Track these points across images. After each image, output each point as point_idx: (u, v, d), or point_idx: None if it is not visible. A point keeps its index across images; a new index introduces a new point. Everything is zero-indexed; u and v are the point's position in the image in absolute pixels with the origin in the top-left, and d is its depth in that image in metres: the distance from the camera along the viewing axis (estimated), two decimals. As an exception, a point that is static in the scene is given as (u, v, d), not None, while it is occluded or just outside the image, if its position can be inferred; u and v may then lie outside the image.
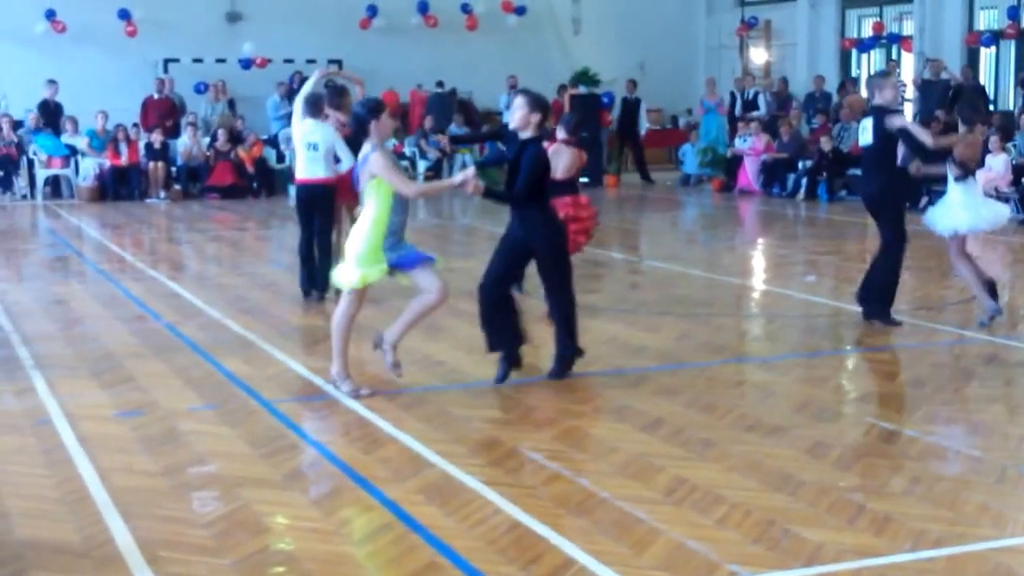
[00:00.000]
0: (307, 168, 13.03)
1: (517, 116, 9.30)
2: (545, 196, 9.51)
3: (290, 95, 27.54)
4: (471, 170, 9.11)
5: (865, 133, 11.78)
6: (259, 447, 7.93)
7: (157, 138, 25.50)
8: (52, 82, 26.13)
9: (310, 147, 12.93)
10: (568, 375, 9.66)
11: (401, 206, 8.94)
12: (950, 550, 6.10)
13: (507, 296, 9.67)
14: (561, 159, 11.78)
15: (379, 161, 8.73)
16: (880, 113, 11.46)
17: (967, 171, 11.53)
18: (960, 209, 11.50)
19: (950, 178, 11.60)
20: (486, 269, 9.66)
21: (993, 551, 6.10)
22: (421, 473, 7.38)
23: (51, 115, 26.17)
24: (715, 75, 30.42)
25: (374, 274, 8.90)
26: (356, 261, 8.91)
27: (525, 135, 9.34)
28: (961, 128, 11.80)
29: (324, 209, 13.14)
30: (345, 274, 9.05)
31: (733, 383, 9.83)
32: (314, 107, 12.98)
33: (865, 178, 12.15)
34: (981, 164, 11.92)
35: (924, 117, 24.33)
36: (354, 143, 12.39)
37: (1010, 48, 26.14)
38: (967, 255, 11.82)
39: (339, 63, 28.95)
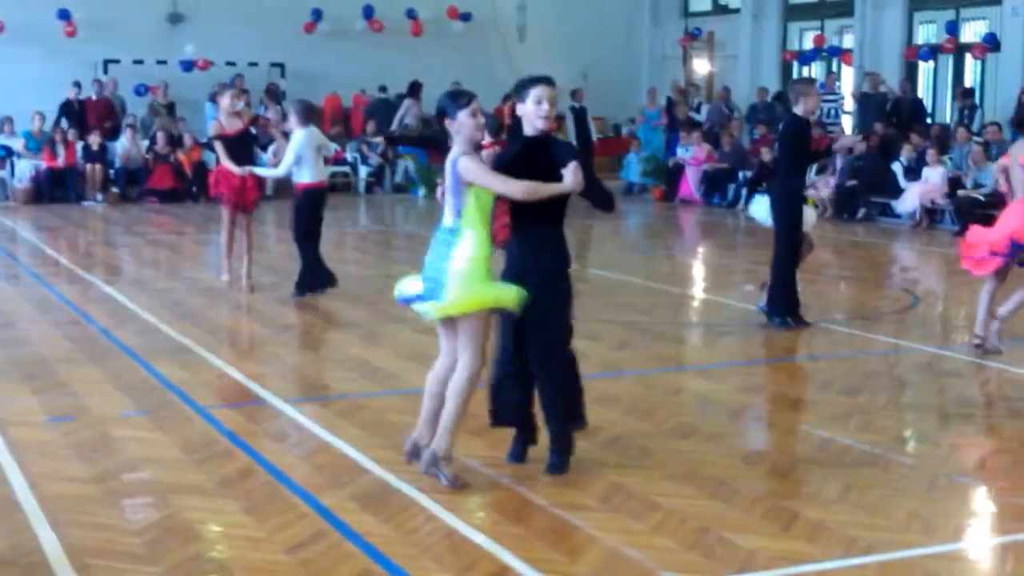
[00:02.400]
0: (320, 172, 13.67)
1: (553, 113, 7.26)
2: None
3: (232, 98, 27.44)
4: (572, 164, 7.08)
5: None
6: (192, 453, 7.87)
7: (95, 140, 25.29)
8: (-12, 82, 25.91)
9: (319, 151, 13.46)
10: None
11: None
12: (881, 557, 6.14)
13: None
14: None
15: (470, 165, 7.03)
16: (796, 123, 11.61)
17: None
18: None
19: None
20: (500, 339, 7.63)
21: (923, 558, 6.15)
22: (357, 480, 7.34)
23: (-14, 116, 25.91)
24: (657, 85, 30.55)
25: (504, 294, 7.14)
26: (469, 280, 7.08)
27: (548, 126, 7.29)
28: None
29: None
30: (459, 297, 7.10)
31: (672, 391, 9.86)
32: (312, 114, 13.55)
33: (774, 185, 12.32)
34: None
35: (863, 129, 24.56)
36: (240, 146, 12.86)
37: (948, 62, 26.40)
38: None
39: (281, 66, 28.94)
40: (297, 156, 13.20)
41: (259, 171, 13.90)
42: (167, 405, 9.09)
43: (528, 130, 7.29)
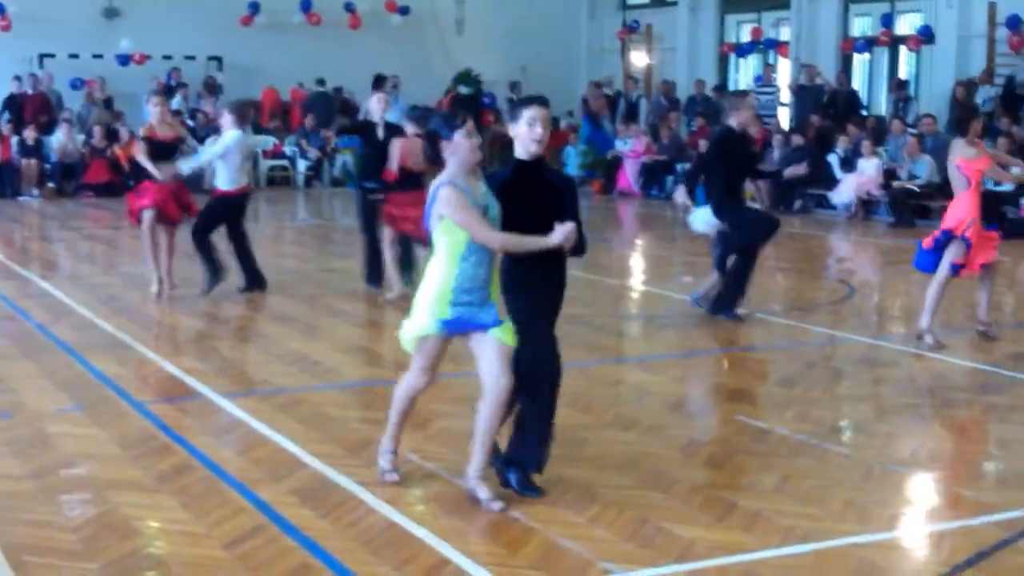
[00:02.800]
0: (242, 177, 13.54)
1: (546, 136, 6.92)
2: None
3: (167, 92, 27.24)
4: (570, 226, 6.64)
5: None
6: (129, 449, 7.82)
7: (31, 135, 25.05)
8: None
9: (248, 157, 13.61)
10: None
11: (479, 255, 6.70)
12: (817, 545, 6.21)
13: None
14: (419, 152, 12.06)
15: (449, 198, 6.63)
16: (726, 135, 11.71)
17: None
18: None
19: None
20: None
21: (858, 546, 6.21)
22: (295, 474, 7.32)
23: (-80, 111, 25.64)
24: (596, 78, 30.62)
25: (427, 326, 6.94)
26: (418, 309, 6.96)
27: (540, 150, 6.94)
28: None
29: None
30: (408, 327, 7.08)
31: (611, 382, 9.89)
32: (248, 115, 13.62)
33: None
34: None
35: (799, 122, 24.74)
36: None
37: (883, 54, 26.62)
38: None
39: (219, 60, 28.77)
40: (223, 154, 13.12)
41: (182, 163, 13.59)
42: (104, 400, 9.03)
43: (520, 153, 6.91)
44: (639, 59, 31.22)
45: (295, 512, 6.63)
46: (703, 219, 12.29)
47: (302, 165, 27.59)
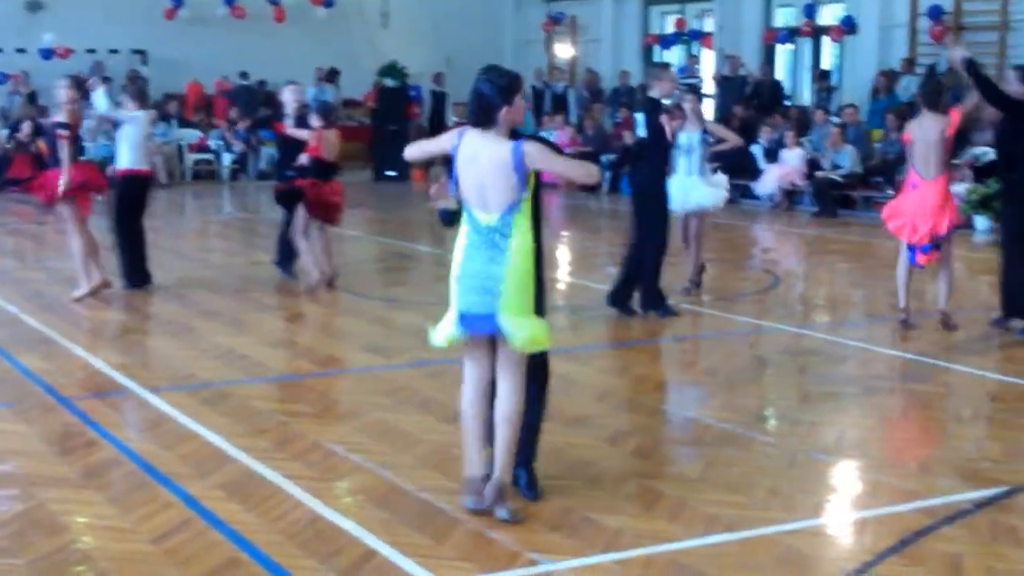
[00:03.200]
0: (144, 159, 13.51)
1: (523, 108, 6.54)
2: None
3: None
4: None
5: (640, 127, 11.97)
6: (56, 445, 7.77)
7: (-48, 129, 24.75)
8: None
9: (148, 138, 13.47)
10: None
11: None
12: (742, 534, 6.28)
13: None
14: (332, 142, 13.11)
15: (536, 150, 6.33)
16: (654, 107, 11.66)
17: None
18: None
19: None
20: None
21: (783, 534, 6.29)
22: (222, 468, 7.31)
23: None
24: (522, 69, 30.60)
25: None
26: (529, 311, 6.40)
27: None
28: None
29: None
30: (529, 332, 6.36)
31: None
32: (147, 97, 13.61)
33: (636, 172, 12.36)
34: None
35: (723, 112, 24.90)
36: None
37: (806, 45, 26.84)
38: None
39: (143, 53, 28.52)
40: (125, 133, 13.15)
41: (97, 100, 13.47)
42: (30, 396, 8.96)
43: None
44: (564, 51, 31.30)
45: (222, 506, 6.62)
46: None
47: (227, 159, 27.43)
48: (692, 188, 12.77)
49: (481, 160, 6.28)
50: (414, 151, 6.87)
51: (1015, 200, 11.19)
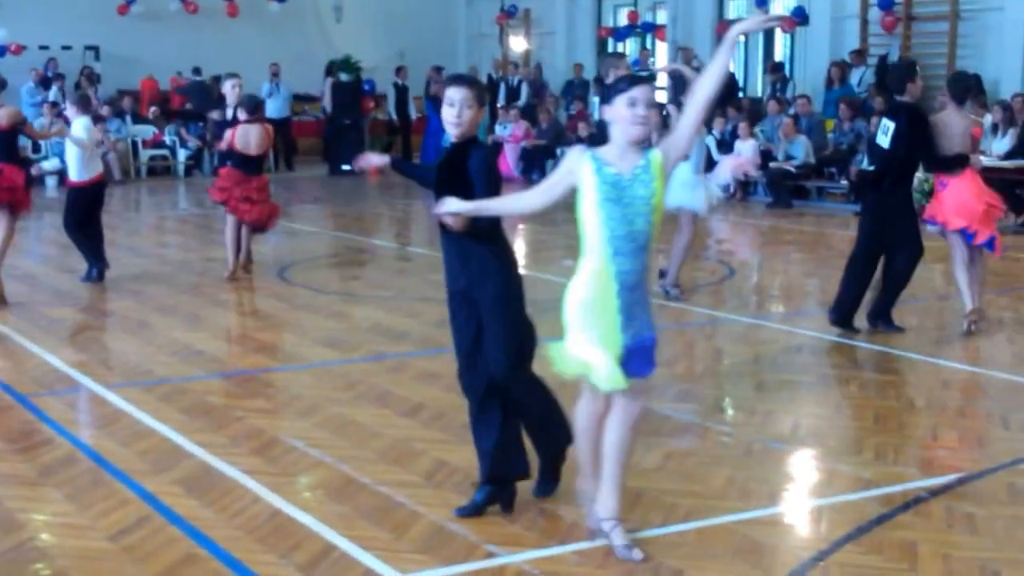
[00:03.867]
0: (95, 167, 13.48)
1: (466, 117, 6.27)
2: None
3: (44, 82, 26.82)
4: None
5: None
6: (12, 442, 7.74)
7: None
8: None
9: (96, 145, 13.47)
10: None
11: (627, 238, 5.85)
12: (699, 523, 6.31)
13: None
14: (252, 137, 13.18)
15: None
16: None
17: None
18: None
19: None
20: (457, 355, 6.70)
21: (740, 523, 6.33)
22: (180, 464, 7.29)
23: None
24: (476, 63, 30.68)
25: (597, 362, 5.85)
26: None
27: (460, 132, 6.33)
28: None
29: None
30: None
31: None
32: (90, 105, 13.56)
33: None
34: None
35: (676, 104, 24.93)
36: None
37: (758, 36, 26.93)
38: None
39: (96, 49, 28.34)
40: (78, 143, 13.13)
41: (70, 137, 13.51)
42: (-17, 395, 8.92)
43: (450, 133, 6.40)
44: (518, 44, 31.32)
45: (180, 502, 6.61)
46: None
47: (182, 154, 27.31)
48: (680, 187, 12.12)
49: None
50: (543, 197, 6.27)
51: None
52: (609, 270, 5.81)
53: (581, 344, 5.84)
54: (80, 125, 13.15)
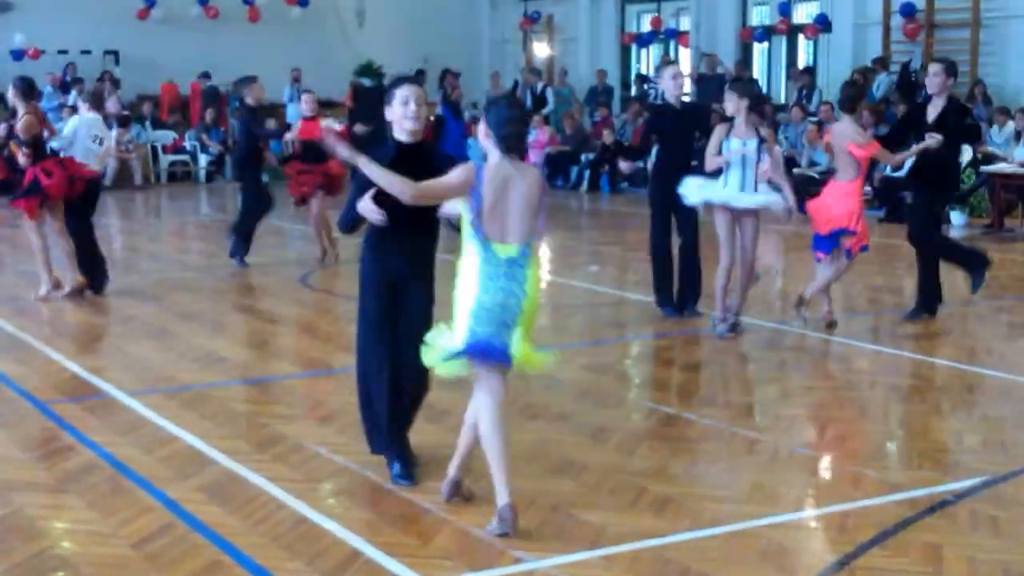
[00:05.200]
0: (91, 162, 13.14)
1: (423, 114, 6.71)
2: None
3: (63, 87, 26.88)
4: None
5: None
6: (33, 450, 7.72)
7: (-77, 133, 24.55)
8: None
9: (96, 140, 13.07)
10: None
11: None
12: (726, 528, 6.28)
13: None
14: None
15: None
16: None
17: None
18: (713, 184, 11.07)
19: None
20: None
21: (766, 528, 6.29)
22: (203, 471, 7.26)
23: None
24: (499, 69, 30.67)
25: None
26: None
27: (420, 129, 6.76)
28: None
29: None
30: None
31: (518, 372, 9.86)
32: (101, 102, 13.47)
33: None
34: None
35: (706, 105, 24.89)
36: None
37: (781, 43, 26.90)
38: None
39: (116, 54, 28.40)
40: (70, 139, 13.00)
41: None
42: (5, 401, 8.90)
43: (399, 135, 6.73)
44: (541, 50, 31.29)
45: (203, 509, 6.58)
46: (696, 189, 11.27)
47: (203, 160, 27.35)
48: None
49: (514, 190, 6.14)
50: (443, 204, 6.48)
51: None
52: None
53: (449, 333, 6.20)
54: (73, 119, 13.13)
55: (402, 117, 6.63)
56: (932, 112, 11.28)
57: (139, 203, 23.64)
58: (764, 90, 26.45)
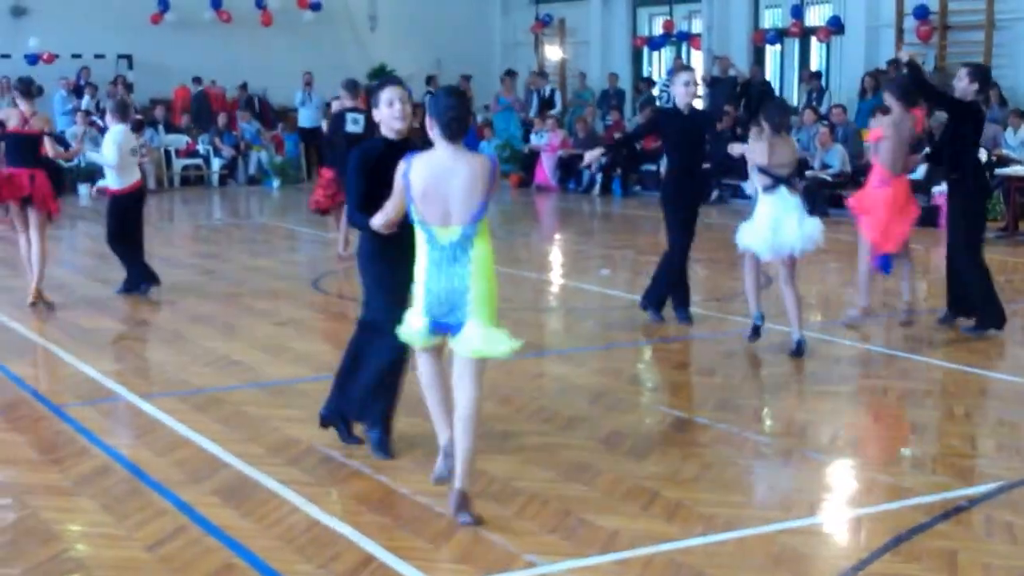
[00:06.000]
0: (131, 174, 13.16)
1: (408, 112, 7.28)
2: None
3: (77, 91, 26.93)
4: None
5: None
6: (48, 453, 7.74)
7: (-61, 137, 24.61)
8: None
9: (132, 153, 13.10)
10: None
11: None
12: (739, 533, 6.27)
13: None
14: None
15: None
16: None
17: (777, 180, 10.70)
18: (760, 230, 10.66)
19: (759, 190, 10.90)
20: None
21: (780, 533, 6.29)
22: (217, 474, 7.28)
23: None
24: (511, 72, 30.62)
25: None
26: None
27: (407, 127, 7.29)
28: (764, 129, 10.75)
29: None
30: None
31: (532, 375, 9.91)
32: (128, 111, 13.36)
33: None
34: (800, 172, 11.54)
35: (716, 113, 24.89)
36: None
37: (794, 46, 26.87)
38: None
39: (129, 58, 28.45)
40: (118, 158, 12.94)
41: (92, 155, 13.58)
42: (20, 404, 8.93)
43: (387, 132, 7.23)
44: (553, 53, 31.28)
45: (217, 512, 6.59)
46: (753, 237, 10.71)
47: (216, 164, 27.38)
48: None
49: (456, 176, 6.32)
50: (383, 219, 6.77)
51: (956, 200, 11.24)
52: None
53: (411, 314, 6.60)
54: (110, 137, 13.08)
55: (389, 117, 7.16)
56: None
57: (152, 207, 23.63)
58: (776, 93, 26.43)
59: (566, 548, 6.09)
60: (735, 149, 11.13)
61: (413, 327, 6.55)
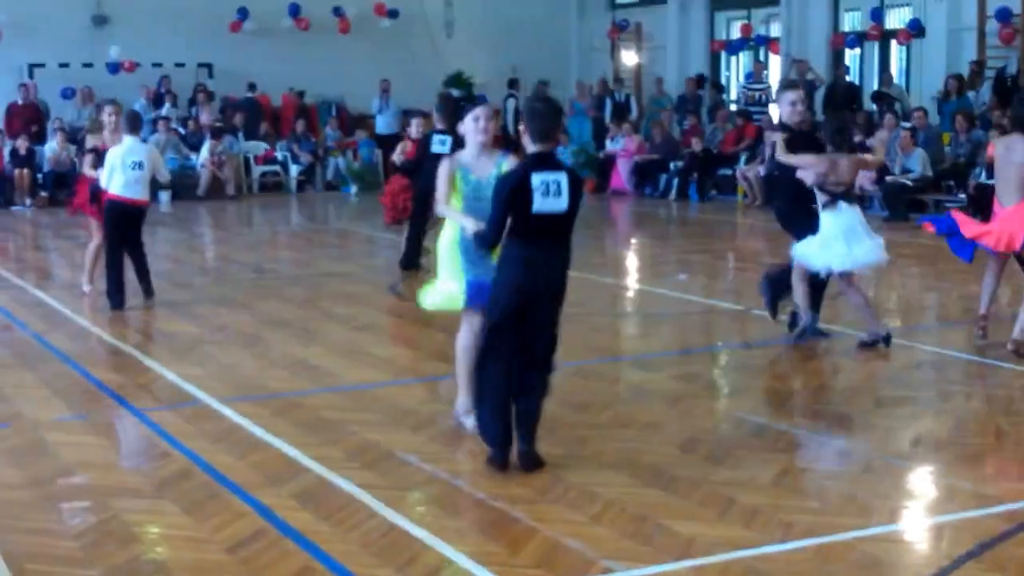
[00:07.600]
0: (128, 188, 12.84)
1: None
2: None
3: (157, 99, 27.23)
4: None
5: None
6: (129, 456, 7.85)
7: (22, 144, 24.98)
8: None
9: (135, 166, 12.74)
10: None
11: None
12: (818, 540, 6.21)
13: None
14: None
15: None
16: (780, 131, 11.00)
17: (834, 196, 10.48)
18: (832, 244, 10.54)
19: (820, 208, 10.58)
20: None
21: (859, 540, 6.22)
22: (295, 478, 7.32)
23: (-88, 122, 25.53)
24: (587, 78, 30.62)
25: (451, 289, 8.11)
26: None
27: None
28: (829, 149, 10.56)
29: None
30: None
31: (608, 381, 9.89)
32: (135, 124, 13.07)
33: (774, 193, 12.00)
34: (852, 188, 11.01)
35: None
36: None
37: (873, 49, 26.63)
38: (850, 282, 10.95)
39: (209, 67, 28.73)
40: (110, 166, 12.72)
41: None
42: (102, 409, 9.04)
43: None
44: (629, 58, 31.20)
45: (296, 516, 6.63)
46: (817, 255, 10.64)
47: (294, 170, 27.56)
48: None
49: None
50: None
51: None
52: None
53: (444, 281, 8.00)
54: (108, 156, 12.81)
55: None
56: None
57: (231, 213, 23.88)
58: (857, 96, 26.19)
59: (643, 554, 6.07)
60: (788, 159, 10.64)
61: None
